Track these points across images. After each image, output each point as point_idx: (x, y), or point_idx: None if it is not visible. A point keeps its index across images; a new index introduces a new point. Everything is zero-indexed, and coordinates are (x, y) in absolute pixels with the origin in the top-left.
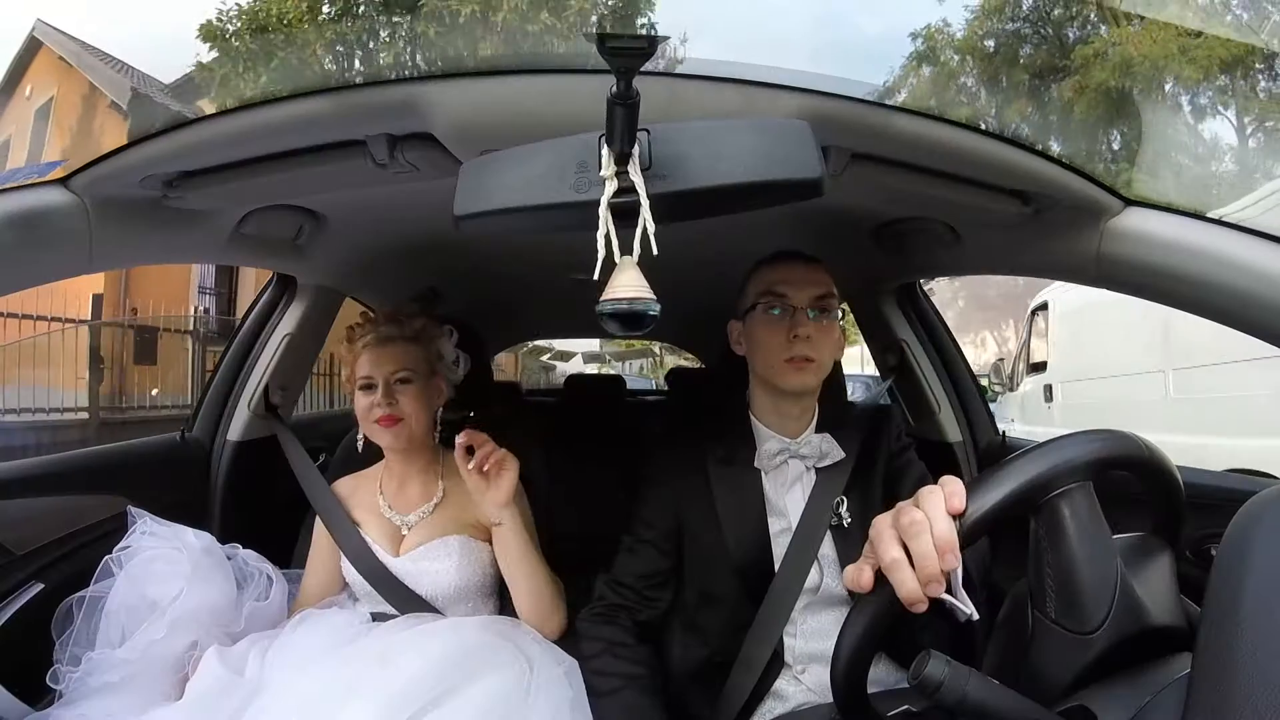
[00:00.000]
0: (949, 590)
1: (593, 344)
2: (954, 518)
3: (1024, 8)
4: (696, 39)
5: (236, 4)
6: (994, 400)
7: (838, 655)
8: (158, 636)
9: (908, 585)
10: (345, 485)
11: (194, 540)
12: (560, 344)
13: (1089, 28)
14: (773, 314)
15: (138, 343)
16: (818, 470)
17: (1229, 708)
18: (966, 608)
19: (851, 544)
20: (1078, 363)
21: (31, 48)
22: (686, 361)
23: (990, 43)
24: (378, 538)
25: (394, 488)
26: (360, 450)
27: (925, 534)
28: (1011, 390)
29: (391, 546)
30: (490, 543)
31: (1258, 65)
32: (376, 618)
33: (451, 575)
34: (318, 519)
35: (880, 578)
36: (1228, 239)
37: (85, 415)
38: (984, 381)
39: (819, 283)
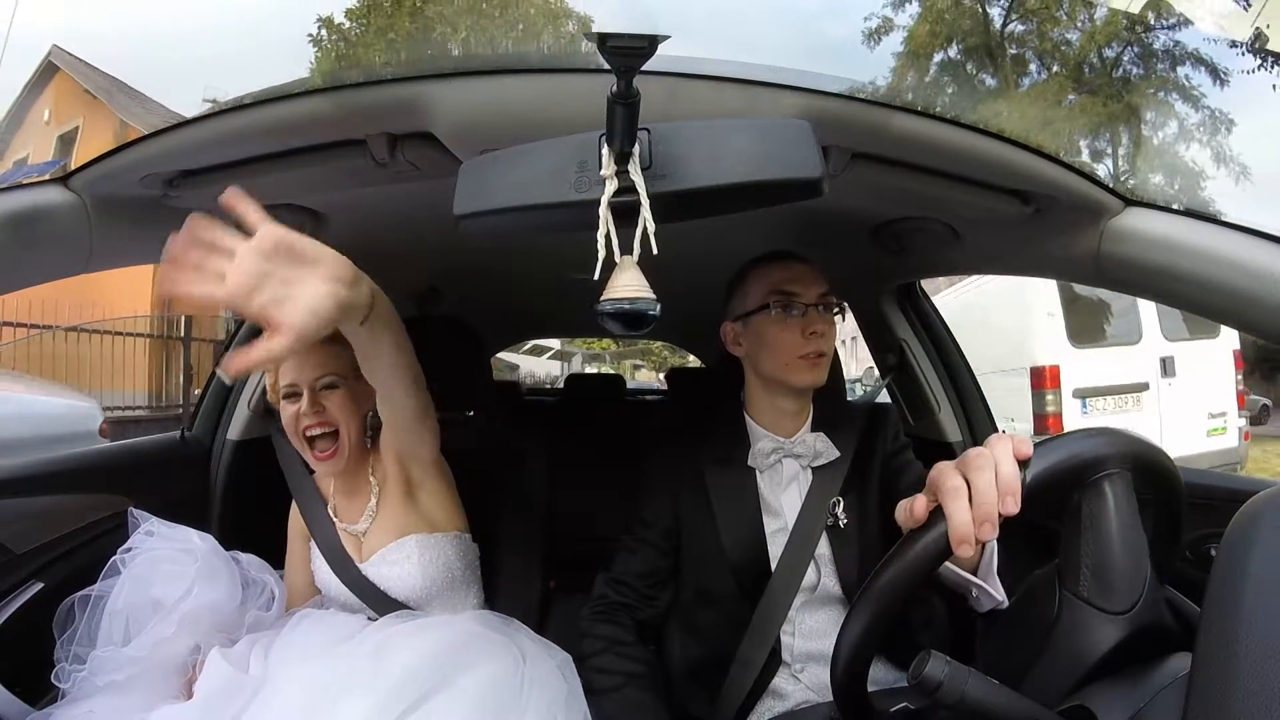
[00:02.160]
0: (982, 572)
1: (553, 342)
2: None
3: (936, 61)
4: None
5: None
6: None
7: (838, 653)
8: (167, 634)
9: (960, 516)
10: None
11: (199, 542)
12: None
13: (994, 81)
14: (786, 313)
15: (216, 355)
16: (814, 470)
17: (1229, 708)
18: (998, 594)
19: (848, 543)
20: None
21: (48, 71)
22: (644, 361)
23: (910, 96)
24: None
25: (343, 501)
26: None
27: (989, 470)
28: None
29: (353, 553)
30: (446, 532)
31: (1146, 116)
32: (372, 620)
33: (416, 576)
34: (290, 522)
35: (933, 516)
36: (1228, 239)
37: (180, 411)
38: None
39: (822, 281)
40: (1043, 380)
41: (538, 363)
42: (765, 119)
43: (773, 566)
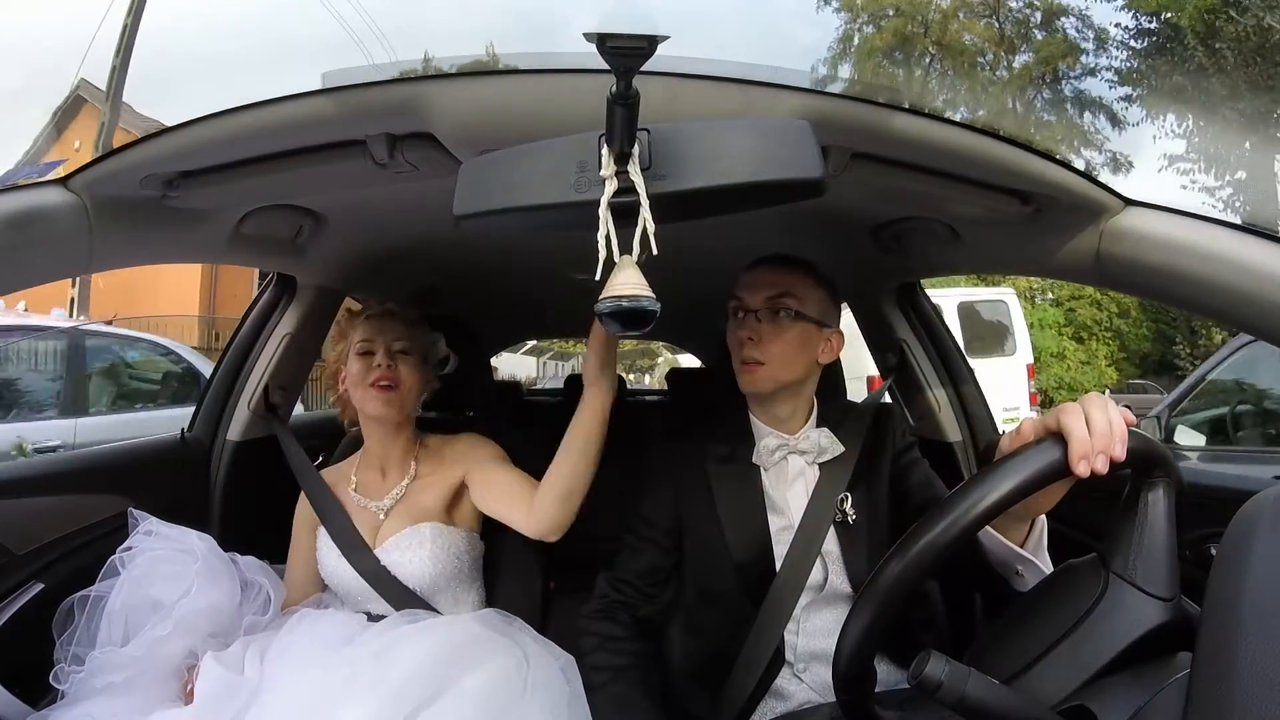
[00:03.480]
0: (1032, 547)
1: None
2: None
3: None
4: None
5: None
6: None
7: (840, 651)
8: (163, 634)
9: (1082, 433)
10: (327, 477)
11: (198, 543)
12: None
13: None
14: (732, 319)
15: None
16: (820, 466)
17: (1229, 708)
18: (1048, 569)
19: (856, 539)
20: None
21: (75, 104)
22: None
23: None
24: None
25: (370, 475)
26: (346, 432)
27: (1106, 411)
28: None
29: (368, 537)
30: (463, 528)
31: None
32: (372, 618)
33: (426, 564)
34: (298, 512)
35: (1038, 442)
36: (1228, 239)
37: None
38: None
39: (775, 284)
40: (872, 385)
41: (519, 361)
42: (765, 119)
43: (777, 565)
